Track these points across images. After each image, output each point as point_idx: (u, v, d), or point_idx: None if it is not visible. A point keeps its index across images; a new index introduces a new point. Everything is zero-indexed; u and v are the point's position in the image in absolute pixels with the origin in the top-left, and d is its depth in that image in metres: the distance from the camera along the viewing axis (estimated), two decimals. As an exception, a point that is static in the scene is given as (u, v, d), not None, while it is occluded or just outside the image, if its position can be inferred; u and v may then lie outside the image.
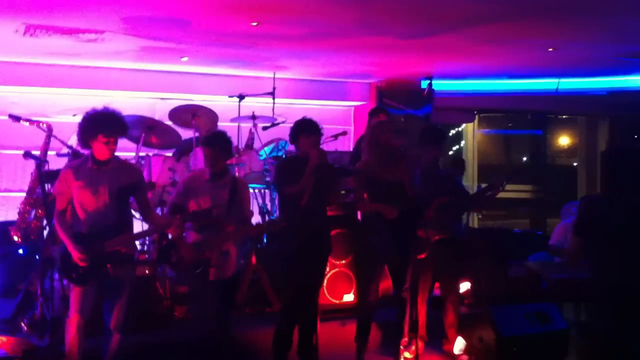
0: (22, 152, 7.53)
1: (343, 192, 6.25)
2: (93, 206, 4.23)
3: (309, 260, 4.91)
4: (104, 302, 4.32)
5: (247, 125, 7.01)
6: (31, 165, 6.79)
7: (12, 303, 5.67)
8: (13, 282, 6.68)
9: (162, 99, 8.40)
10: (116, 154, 4.39)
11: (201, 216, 4.46)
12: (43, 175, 4.17)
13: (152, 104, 8.36)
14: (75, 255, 4.11)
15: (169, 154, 6.61)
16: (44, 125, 5.26)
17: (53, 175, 4.62)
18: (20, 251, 6.72)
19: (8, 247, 6.81)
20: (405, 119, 8.95)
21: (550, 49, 6.84)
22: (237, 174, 6.28)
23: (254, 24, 5.70)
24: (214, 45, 6.70)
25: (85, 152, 4.68)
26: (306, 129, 4.93)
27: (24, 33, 5.84)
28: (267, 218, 6.58)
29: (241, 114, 7.10)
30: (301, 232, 4.83)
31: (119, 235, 4.24)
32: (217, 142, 4.64)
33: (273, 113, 7.35)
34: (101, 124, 4.19)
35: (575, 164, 12.33)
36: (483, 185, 5.58)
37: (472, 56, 7.40)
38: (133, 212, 4.59)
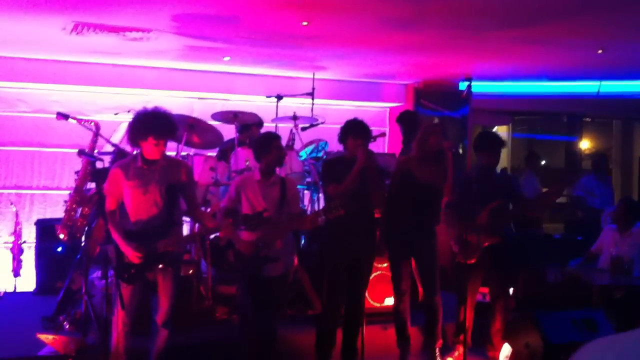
0: (60, 149, 7.77)
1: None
2: (144, 205, 4.24)
3: (352, 262, 4.89)
4: (152, 299, 4.34)
5: (284, 126, 7.00)
6: (70, 162, 6.91)
7: (51, 301, 5.74)
8: (50, 280, 6.75)
9: (199, 98, 8.42)
10: None
11: (253, 219, 4.46)
12: (97, 174, 4.15)
13: (190, 103, 8.38)
14: (130, 253, 4.12)
15: (211, 153, 6.63)
16: (92, 123, 5.26)
17: (101, 174, 4.62)
18: (60, 249, 6.78)
19: (47, 245, 6.89)
20: (441, 120, 8.86)
21: (600, 51, 6.72)
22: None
23: (305, 23, 5.66)
24: (260, 45, 6.69)
25: (131, 150, 4.73)
26: (354, 130, 4.94)
27: (72, 31, 5.87)
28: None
29: (279, 115, 7.09)
30: (344, 233, 4.82)
31: (169, 234, 4.25)
32: (268, 144, 4.70)
33: (312, 114, 7.32)
34: (152, 126, 4.20)
35: (610, 167, 12.14)
36: (544, 190, 5.53)
37: (514, 57, 7.32)
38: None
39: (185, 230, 5.49)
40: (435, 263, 5.12)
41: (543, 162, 10.06)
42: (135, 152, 4.43)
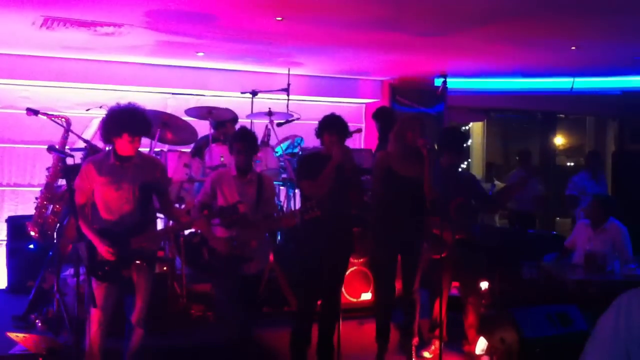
0: (31, 146, 7.63)
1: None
2: (117, 202, 4.17)
3: (327, 259, 4.86)
4: (126, 298, 4.26)
5: (260, 122, 6.94)
6: (42, 159, 6.78)
7: (23, 299, 5.63)
8: (22, 279, 6.62)
9: (173, 94, 8.34)
10: None
11: (228, 212, 4.41)
12: (68, 170, 4.08)
13: (164, 99, 8.30)
14: (103, 250, 4.06)
15: (185, 149, 6.57)
16: (62, 120, 5.17)
17: (73, 170, 4.54)
18: (32, 246, 6.66)
19: (18, 243, 6.77)
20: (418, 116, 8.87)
21: (573, 48, 6.77)
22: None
23: (279, 19, 5.62)
24: (233, 41, 6.63)
25: (103, 146, 4.65)
26: (330, 126, 4.88)
27: (41, 26, 5.77)
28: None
29: (254, 111, 7.03)
30: (320, 231, 4.78)
31: (143, 231, 4.19)
32: (248, 137, 4.62)
33: (287, 109, 7.27)
34: (128, 123, 4.13)
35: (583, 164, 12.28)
36: (500, 186, 5.57)
37: (489, 55, 7.36)
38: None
39: (160, 227, 5.42)
40: (419, 259, 5.13)
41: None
42: (107, 149, 4.36)
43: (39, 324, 5.25)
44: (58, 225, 5.14)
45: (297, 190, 6.28)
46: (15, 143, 7.79)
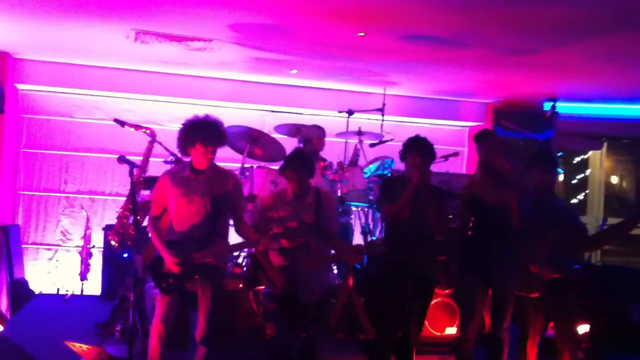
0: (135, 157, 7.84)
1: (451, 216, 5.86)
2: (187, 215, 4.16)
3: (406, 288, 4.60)
4: (192, 313, 4.23)
5: (354, 142, 6.81)
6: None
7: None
8: (115, 286, 6.80)
9: (271, 111, 8.37)
10: (221, 164, 4.34)
11: (294, 232, 4.29)
12: (133, 181, 4.14)
13: (262, 116, 8.36)
14: (169, 260, 4.04)
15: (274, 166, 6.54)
16: (148, 131, 5.26)
17: (153, 181, 4.59)
18: (125, 255, 6.84)
19: (113, 251, 6.96)
20: (525, 142, 8.39)
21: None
22: (339, 190, 6.10)
23: (361, 34, 5.48)
24: (320, 57, 6.55)
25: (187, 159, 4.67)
26: (412, 147, 4.67)
27: (136, 39, 5.94)
28: (368, 238, 6.32)
29: (349, 130, 6.91)
30: (402, 257, 4.57)
31: (209, 245, 4.13)
32: (300, 164, 4.53)
33: (382, 130, 7.09)
34: (199, 132, 4.13)
35: None
36: (611, 222, 5.01)
37: (600, 75, 6.79)
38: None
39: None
40: (511, 294, 4.73)
41: None
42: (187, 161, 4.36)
43: (118, 334, 5.32)
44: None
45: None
46: (119, 154, 8.06)
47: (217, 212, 4.21)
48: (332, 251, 4.74)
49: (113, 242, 5.22)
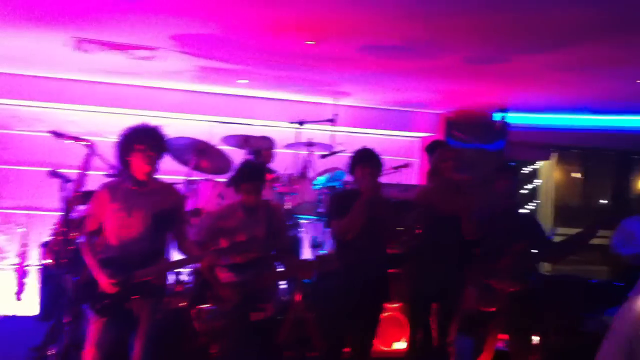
0: (76, 171, 7.57)
1: (403, 228, 5.78)
2: (126, 231, 3.95)
3: (357, 304, 4.50)
4: (129, 336, 3.98)
5: (305, 153, 6.74)
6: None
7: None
8: (54, 306, 6.51)
9: (220, 122, 8.19)
10: (166, 177, 4.21)
11: (241, 247, 4.15)
12: (65, 196, 3.92)
13: (210, 127, 8.15)
14: (103, 281, 3.83)
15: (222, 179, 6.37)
16: (86, 143, 5.02)
17: (91, 196, 4.37)
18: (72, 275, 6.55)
19: (52, 269, 6.66)
20: (477, 153, 8.39)
21: (639, 81, 6.16)
22: (288, 203, 5.96)
23: (311, 42, 5.36)
24: (269, 66, 6.42)
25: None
26: (361, 159, 4.60)
27: (75, 47, 5.74)
28: (318, 251, 6.20)
29: (300, 141, 6.82)
30: (350, 272, 4.45)
31: (150, 264, 3.93)
32: (260, 176, 4.48)
33: (333, 141, 6.99)
34: (137, 136, 3.95)
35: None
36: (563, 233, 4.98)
37: (550, 85, 6.83)
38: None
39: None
40: (459, 306, 4.74)
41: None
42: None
43: (54, 358, 5.06)
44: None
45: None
46: (60, 167, 7.77)
47: (158, 228, 4.01)
48: (282, 267, 4.61)
49: (48, 260, 4.96)
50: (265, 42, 5.48)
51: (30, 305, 6.88)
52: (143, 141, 3.90)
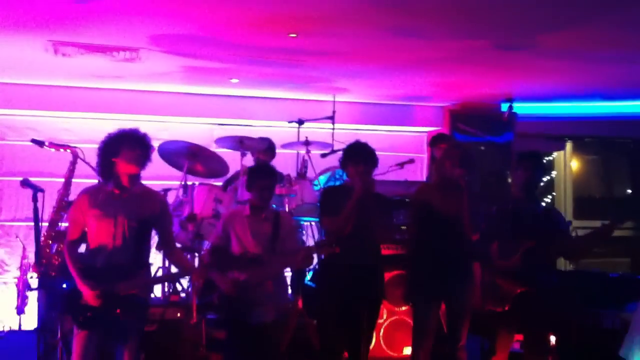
0: (79, 180, 7.43)
1: (403, 227, 5.54)
2: (108, 239, 3.80)
3: (351, 305, 4.32)
4: (115, 348, 3.86)
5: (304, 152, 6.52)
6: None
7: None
8: (50, 318, 6.38)
9: (220, 124, 8.01)
10: (160, 182, 4.22)
11: (234, 262, 4.12)
12: (37, 206, 3.76)
13: (210, 129, 7.99)
14: (86, 292, 3.70)
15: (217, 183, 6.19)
16: (68, 150, 4.87)
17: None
18: (65, 285, 6.40)
19: (51, 281, 6.52)
20: (485, 146, 8.13)
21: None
22: (287, 205, 5.76)
23: (293, 35, 5.16)
24: (257, 63, 6.22)
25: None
26: (354, 155, 4.42)
27: (55, 52, 5.60)
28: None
29: (299, 140, 6.63)
30: (342, 272, 4.29)
31: (134, 275, 3.79)
32: (272, 173, 4.33)
33: (333, 139, 6.77)
34: (123, 137, 3.86)
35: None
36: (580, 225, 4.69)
37: (556, 73, 6.55)
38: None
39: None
40: (468, 308, 4.50)
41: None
42: None
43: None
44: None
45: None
46: (57, 177, 7.64)
47: (141, 236, 3.86)
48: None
49: (35, 274, 4.82)
50: (247, 38, 5.34)
51: (31, 319, 6.75)
52: (131, 142, 3.82)
